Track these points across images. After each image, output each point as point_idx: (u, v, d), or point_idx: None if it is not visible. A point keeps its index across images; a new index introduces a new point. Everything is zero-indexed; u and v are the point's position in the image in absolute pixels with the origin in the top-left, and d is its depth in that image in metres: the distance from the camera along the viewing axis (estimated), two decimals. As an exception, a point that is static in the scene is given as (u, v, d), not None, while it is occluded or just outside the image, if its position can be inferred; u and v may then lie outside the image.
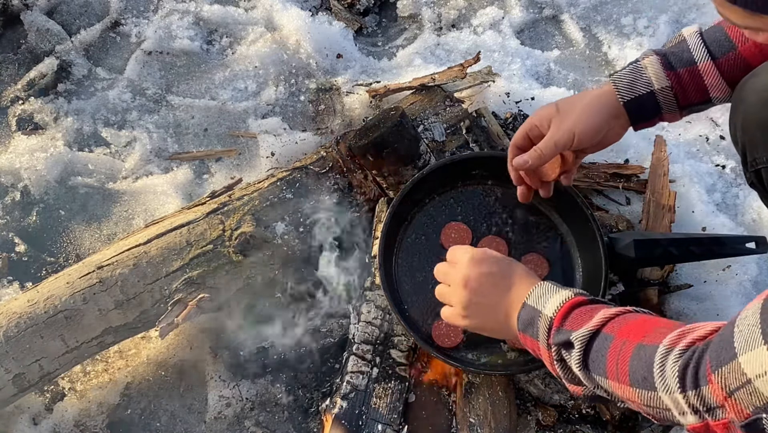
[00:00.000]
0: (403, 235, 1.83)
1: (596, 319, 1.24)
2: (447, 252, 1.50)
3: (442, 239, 1.82)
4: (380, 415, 1.67)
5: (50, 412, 1.83)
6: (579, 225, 1.80)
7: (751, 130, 1.38)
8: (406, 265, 1.80)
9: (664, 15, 2.52)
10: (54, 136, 2.24)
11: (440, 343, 1.71)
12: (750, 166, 1.42)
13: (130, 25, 2.47)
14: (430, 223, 1.85)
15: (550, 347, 1.28)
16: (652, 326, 1.19)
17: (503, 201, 1.87)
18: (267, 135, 2.19)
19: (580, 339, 1.23)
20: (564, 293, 1.31)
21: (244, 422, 1.81)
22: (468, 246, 1.51)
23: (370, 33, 2.56)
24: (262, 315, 1.86)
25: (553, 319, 1.28)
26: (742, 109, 1.40)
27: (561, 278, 1.79)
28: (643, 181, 2.12)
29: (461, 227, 1.82)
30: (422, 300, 1.76)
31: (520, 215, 1.85)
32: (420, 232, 1.84)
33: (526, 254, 1.81)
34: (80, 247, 2.09)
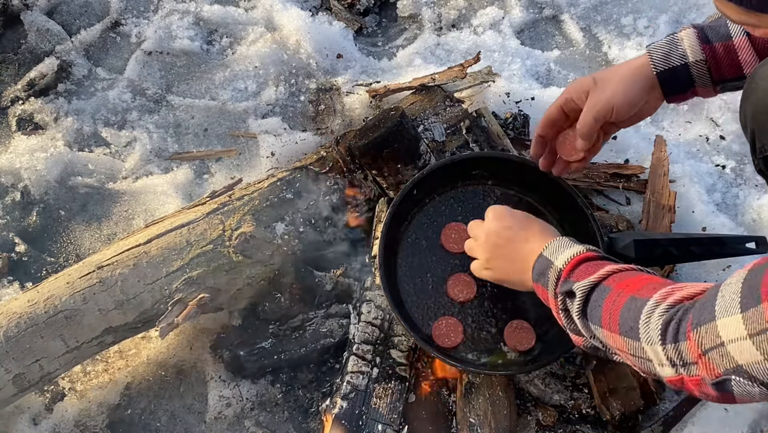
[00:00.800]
0: (404, 235, 1.83)
1: (600, 272, 1.32)
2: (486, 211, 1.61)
3: (442, 240, 1.82)
4: (380, 415, 1.67)
5: (50, 412, 1.83)
6: (579, 225, 1.80)
7: (761, 118, 1.37)
8: (406, 265, 1.80)
9: (664, 15, 2.52)
10: (54, 136, 2.24)
11: (440, 343, 1.71)
12: (759, 152, 1.41)
13: (130, 25, 2.47)
14: (430, 223, 1.85)
15: (557, 296, 1.37)
16: (647, 281, 1.26)
17: (503, 201, 1.87)
18: (267, 135, 2.19)
19: (581, 289, 1.31)
20: (576, 248, 1.41)
21: (244, 422, 1.81)
22: (493, 206, 1.64)
23: (370, 33, 2.56)
24: (263, 315, 1.86)
25: (562, 270, 1.38)
26: (753, 97, 1.39)
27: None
28: (643, 181, 2.12)
29: (461, 227, 1.82)
30: (422, 300, 1.76)
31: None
32: (420, 232, 1.84)
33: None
34: (80, 247, 2.09)
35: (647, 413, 1.80)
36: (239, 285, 1.81)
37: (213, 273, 1.77)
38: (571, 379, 1.82)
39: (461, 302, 1.76)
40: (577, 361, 1.84)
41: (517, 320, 1.73)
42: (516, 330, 1.73)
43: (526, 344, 1.71)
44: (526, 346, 1.71)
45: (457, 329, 1.72)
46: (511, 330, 1.73)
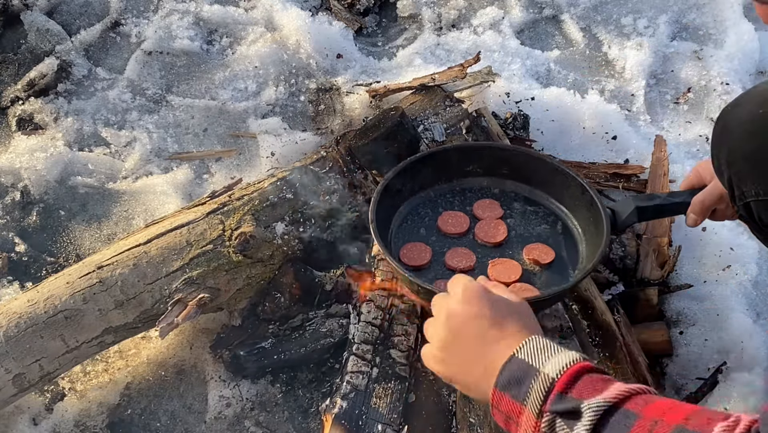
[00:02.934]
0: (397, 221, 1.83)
1: (613, 390, 1.04)
2: (449, 280, 1.30)
3: (439, 224, 1.82)
4: (380, 415, 1.67)
5: (50, 412, 1.83)
6: (576, 200, 1.80)
7: (738, 163, 1.35)
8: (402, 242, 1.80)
9: (664, 15, 2.52)
10: (54, 136, 2.24)
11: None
12: (738, 199, 1.38)
13: (130, 25, 2.47)
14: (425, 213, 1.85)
15: (542, 415, 1.05)
16: (690, 410, 1.02)
17: (499, 196, 1.88)
18: (267, 135, 2.19)
19: (593, 409, 1.02)
20: (570, 354, 1.09)
21: (244, 422, 1.81)
22: (469, 278, 1.27)
23: (370, 33, 2.56)
24: (263, 315, 1.86)
25: (555, 381, 1.06)
26: (727, 142, 1.37)
27: (567, 262, 1.78)
28: (643, 181, 2.12)
29: (459, 214, 1.83)
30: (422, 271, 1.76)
31: (518, 207, 1.86)
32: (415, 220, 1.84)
33: (530, 243, 1.80)
34: (80, 247, 2.09)
35: (647, 413, 1.79)
36: (239, 285, 1.81)
37: (213, 273, 1.77)
38: (571, 379, 1.82)
39: (461, 270, 1.75)
40: (577, 361, 1.84)
41: (520, 282, 1.72)
42: (521, 290, 1.69)
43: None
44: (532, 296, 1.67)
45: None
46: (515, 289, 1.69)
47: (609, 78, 2.46)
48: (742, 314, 1.92)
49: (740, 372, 1.81)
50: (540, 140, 2.18)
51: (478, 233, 1.81)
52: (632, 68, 2.43)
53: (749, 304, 1.96)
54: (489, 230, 1.82)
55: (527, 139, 2.15)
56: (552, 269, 1.76)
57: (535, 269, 1.76)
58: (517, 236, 1.82)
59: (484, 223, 1.83)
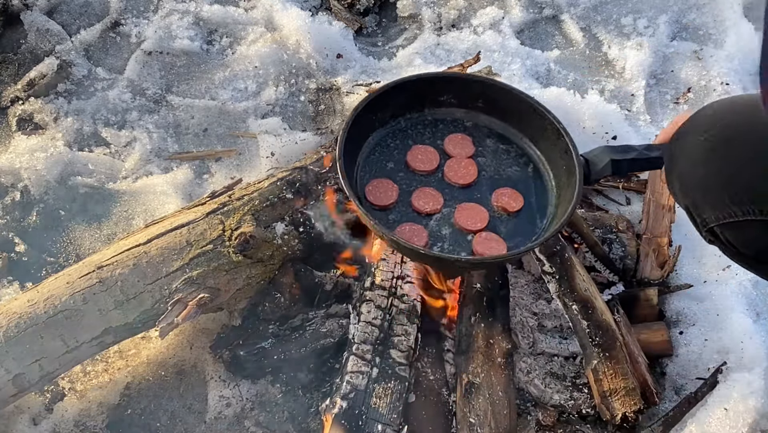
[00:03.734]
0: (365, 151, 1.80)
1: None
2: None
3: (408, 159, 1.80)
4: (380, 415, 1.67)
5: (50, 412, 1.83)
6: (551, 144, 1.77)
7: (691, 193, 1.36)
8: (367, 178, 1.77)
9: (664, 15, 2.52)
10: (54, 136, 2.24)
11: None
12: (702, 226, 1.39)
13: (130, 25, 2.47)
14: (395, 145, 1.82)
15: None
16: None
17: (473, 131, 1.85)
18: (267, 135, 2.19)
19: None
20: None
21: (244, 422, 1.81)
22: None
23: (370, 33, 2.56)
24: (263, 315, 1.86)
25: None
26: (676, 173, 1.38)
27: (536, 210, 1.75)
28: (643, 181, 2.12)
29: (429, 149, 1.80)
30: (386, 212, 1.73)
31: (491, 144, 1.84)
32: (384, 152, 1.81)
33: (499, 188, 1.77)
34: (80, 247, 2.09)
35: (647, 413, 1.80)
36: (239, 285, 1.81)
37: (213, 273, 1.77)
38: (571, 379, 1.83)
39: (427, 213, 1.73)
40: (577, 361, 1.84)
41: (486, 231, 1.71)
42: (486, 240, 1.69)
43: (496, 252, 1.67)
44: (496, 254, 1.68)
45: (422, 233, 1.69)
46: (480, 240, 1.69)
47: (609, 78, 2.46)
48: (742, 314, 1.92)
49: (740, 372, 1.81)
50: (540, 140, 2.17)
51: (448, 173, 1.78)
52: (632, 68, 2.43)
53: (749, 304, 1.96)
54: (459, 169, 1.79)
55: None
56: (520, 216, 1.73)
57: (502, 216, 1.73)
58: (487, 178, 1.79)
59: (454, 162, 1.79)
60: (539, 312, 1.90)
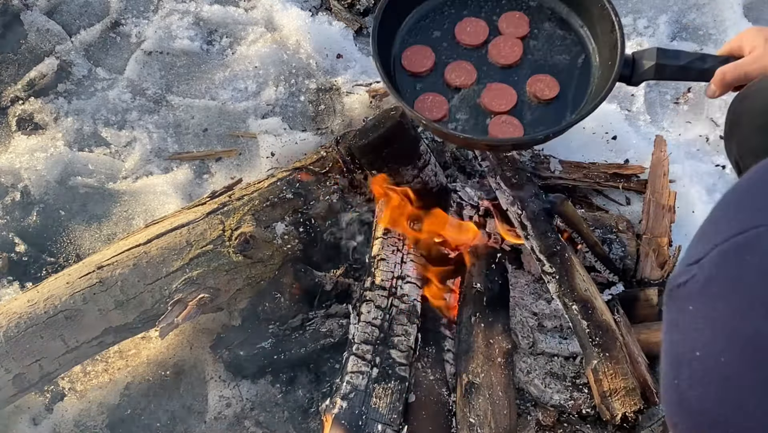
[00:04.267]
0: (417, 14, 1.75)
1: None
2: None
3: (456, 30, 1.74)
4: (380, 415, 1.67)
5: (50, 412, 1.83)
6: (604, 37, 1.68)
7: (747, 157, 1.33)
8: (410, 42, 1.72)
9: (664, 15, 2.52)
10: (54, 136, 2.24)
11: (425, 115, 1.64)
12: None
13: (130, 25, 2.47)
14: (449, 14, 1.76)
15: None
16: None
17: (534, 10, 1.77)
18: (267, 135, 2.19)
19: None
20: None
21: (244, 422, 1.81)
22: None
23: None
24: (263, 315, 1.86)
25: None
26: (737, 135, 1.35)
27: (569, 102, 1.68)
28: (643, 181, 2.12)
29: (479, 23, 1.73)
30: (413, 80, 1.69)
31: (549, 27, 1.76)
32: (436, 19, 1.75)
33: (536, 73, 1.71)
34: (80, 247, 2.09)
35: (647, 413, 1.80)
36: (239, 285, 1.81)
37: (213, 273, 1.77)
38: (571, 379, 1.83)
39: (456, 87, 1.69)
40: (577, 361, 1.84)
41: (506, 115, 1.66)
42: (503, 124, 1.65)
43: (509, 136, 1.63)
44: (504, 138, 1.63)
45: (442, 106, 1.65)
46: (499, 122, 1.65)
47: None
48: (742, 314, 1.91)
49: (740, 372, 1.81)
50: (540, 140, 2.17)
51: (491, 50, 1.72)
52: (632, 68, 2.42)
53: (749, 304, 1.96)
54: (503, 48, 1.73)
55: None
56: (550, 106, 1.67)
57: (532, 102, 1.68)
58: (531, 62, 1.72)
59: (501, 40, 1.73)
60: (539, 312, 1.90)
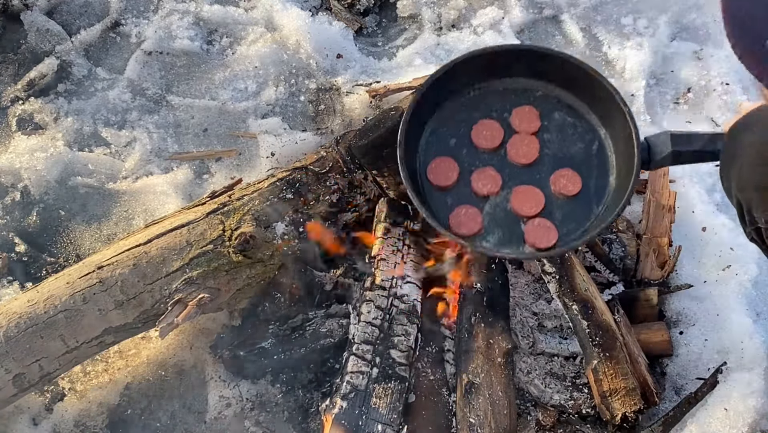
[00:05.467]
0: (432, 125, 1.78)
1: None
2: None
3: (472, 135, 1.77)
4: (380, 415, 1.67)
5: (50, 412, 1.83)
6: (617, 124, 1.72)
7: (748, 191, 1.33)
8: (431, 153, 1.75)
9: (664, 15, 2.52)
10: (54, 136, 2.24)
11: (457, 231, 1.66)
12: (749, 224, 1.36)
13: (130, 25, 2.47)
14: (462, 117, 1.79)
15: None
16: None
17: (541, 101, 1.81)
18: (267, 135, 2.19)
19: None
20: None
21: (244, 422, 1.81)
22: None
23: (370, 33, 2.56)
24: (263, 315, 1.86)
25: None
26: (738, 166, 1.34)
27: (593, 195, 1.72)
28: (643, 181, 2.12)
29: (494, 125, 1.77)
30: (444, 192, 1.72)
31: (558, 117, 1.80)
32: (450, 125, 1.78)
33: (560, 168, 1.74)
34: (80, 247, 2.09)
35: (647, 413, 1.80)
36: (239, 285, 1.81)
37: (213, 273, 1.77)
38: (571, 379, 1.82)
39: (484, 195, 1.72)
40: (577, 361, 1.84)
41: (540, 218, 1.69)
42: (538, 228, 1.68)
43: (546, 242, 1.66)
44: (545, 244, 1.66)
45: (477, 218, 1.68)
46: (533, 227, 1.68)
47: (609, 78, 2.45)
48: (742, 314, 1.92)
49: (740, 372, 1.81)
50: (540, 140, 2.17)
51: (510, 151, 1.75)
52: (632, 68, 2.42)
53: (749, 304, 1.96)
54: (521, 147, 1.75)
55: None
56: (577, 200, 1.71)
57: (559, 199, 1.71)
58: (549, 156, 1.75)
59: (517, 139, 1.76)
60: (539, 312, 1.90)
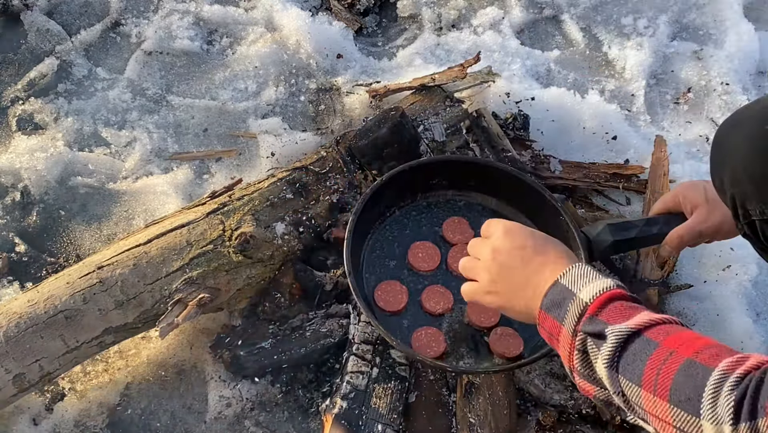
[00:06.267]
0: (368, 252, 1.79)
1: (638, 318, 1.13)
2: (482, 225, 1.41)
3: (409, 260, 1.79)
4: (380, 415, 1.67)
5: (50, 412, 1.83)
6: (550, 221, 1.75)
7: (742, 183, 1.31)
8: (374, 280, 1.76)
9: (664, 15, 2.52)
10: (54, 136, 2.24)
11: (424, 353, 1.66)
12: (743, 218, 1.35)
13: (130, 25, 2.47)
14: (394, 238, 1.82)
15: (576, 334, 1.18)
16: (703, 344, 1.08)
17: (466, 210, 1.85)
18: (267, 135, 2.19)
19: (616, 334, 1.12)
20: (605, 281, 1.20)
21: (244, 422, 1.81)
22: (502, 220, 1.41)
23: (370, 33, 2.56)
24: (263, 315, 1.86)
25: (588, 305, 1.18)
26: (730, 161, 1.34)
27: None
28: (643, 181, 2.12)
29: (427, 245, 1.80)
30: (398, 316, 1.73)
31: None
32: (386, 249, 1.81)
33: None
34: (80, 247, 2.09)
35: (647, 413, 1.79)
36: (239, 285, 1.81)
37: (213, 273, 1.77)
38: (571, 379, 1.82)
39: (439, 313, 1.73)
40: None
41: (501, 327, 1.70)
42: (501, 337, 1.69)
43: (514, 350, 1.68)
44: (515, 352, 1.68)
45: (439, 338, 1.68)
46: (497, 338, 1.69)
47: (609, 78, 2.46)
48: (742, 314, 1.92)
49: (740, 372, 1.81)
50: (540, 140, 2.18)
51: (452, 264, 1.77)
52: (632, 68, 2.43)
53: (749, 304, 1.96)
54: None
55: (527, 139, 2.15)
56: None
57: None
58: None
59: (456, 251, 1.78)
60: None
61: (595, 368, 1.16)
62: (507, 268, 1.35)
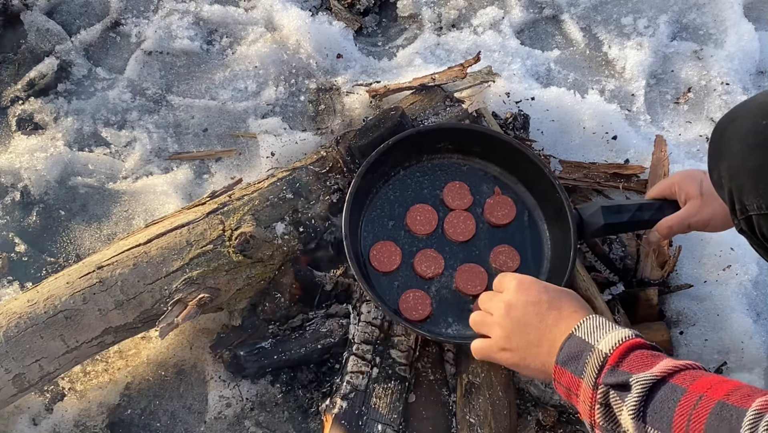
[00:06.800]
0: (369, 210, 1.84)
1: (662, 366, 1.12)
2: (494, 279, 1.43)
3: (407, 222, 1.83)
4: (380, 415, 1.67)
5: (50, 412, 1.83)
6: (547, 196, 1.81)
7: (740, 178, 1.31)
8: (372, 239, 1.81)
9: (664, 15, 2.52)
10: (54, 136, 2.24)
11: (408, 316, 1.72)
12: (740, 213, 1.35)
13: (130, 25, 2.47)
14: (396, 199, 1.86)
15: (597, 387, 1.15)
16: (732, 386, 1.08)
17: (469, 174, 1.89)
18: (267, 135, 2.19)
19: (641, 383, 1.10)
20: (623, 331, 1.19)
21: (244, 422, 1.81)
22: (515, 274, 1.41)
23: (370, 33, 2.56)
24: (263, 315, 1.86)
25: (608, 356, 1.15)
26: (728, 156, 1.34)
27: (532, 267, 1.79)
28: (643, 181, 2.12)
29: (427, 208, 1.83)
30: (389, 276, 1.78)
31: (487, 190, 1.87)
32: (386, 209, 1.85)
33: (497, 245, 1.81)
34: (80, 247, 2.09)
35: (647, 413, 1.79)
36: (239, 285, 1.81)
37: (213, 273, 1.77)
38: (571, 379, 1.82)
39: (429, 277, 1.77)
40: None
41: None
42: None
43: None
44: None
45: (425, 301, 1.74)
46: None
47: (609, 78, 2.46)
48: (742, 314, 1.92)
49: (740, 372, 1.81)
50: (540, 140, 2.18)
51: (447, 230, 1.82)
52: (632, 68, 2.43)
53: (749, 304, 1.96)
54: (458, 225, 1.83)
55: (527, 139, 2.15)
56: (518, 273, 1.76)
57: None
58: (485, 230, 1.83)
59: (453, 217, 1.83)
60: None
61: (619, 420, 1.12)
62: (522, 324, 1.32)
